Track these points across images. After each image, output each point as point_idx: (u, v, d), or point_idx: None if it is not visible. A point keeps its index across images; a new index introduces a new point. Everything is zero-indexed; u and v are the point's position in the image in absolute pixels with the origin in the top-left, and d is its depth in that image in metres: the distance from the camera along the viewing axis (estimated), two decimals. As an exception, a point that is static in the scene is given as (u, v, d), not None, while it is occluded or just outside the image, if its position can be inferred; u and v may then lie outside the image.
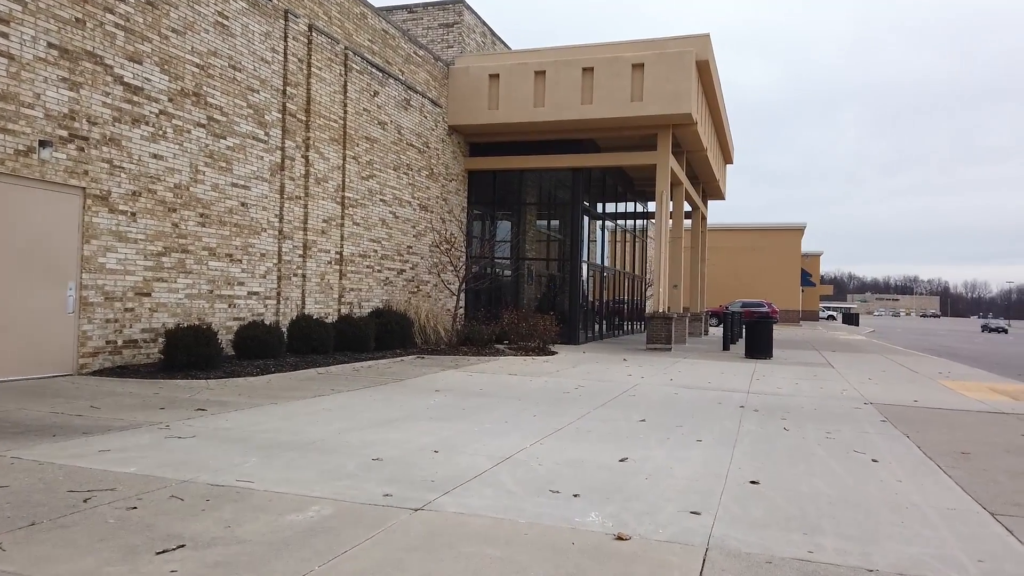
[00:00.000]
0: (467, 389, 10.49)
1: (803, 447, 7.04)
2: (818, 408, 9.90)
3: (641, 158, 20.75)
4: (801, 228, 56.47)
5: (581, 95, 19.51)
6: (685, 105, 18.74)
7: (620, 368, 14.56)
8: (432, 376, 11.91)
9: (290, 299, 13.93)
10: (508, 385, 11.15)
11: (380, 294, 17.08)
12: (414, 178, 18.60)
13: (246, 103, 12.69)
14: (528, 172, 22.60)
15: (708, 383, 12.47)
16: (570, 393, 10.47)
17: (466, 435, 6.98)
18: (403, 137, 17.99)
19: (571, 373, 13.25)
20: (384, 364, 13.32)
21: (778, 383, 12.90)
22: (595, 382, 11.96)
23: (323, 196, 14.87)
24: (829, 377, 14.36)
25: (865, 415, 9.41)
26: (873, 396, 11.44)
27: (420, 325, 16.58)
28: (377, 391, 9.94)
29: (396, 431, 7.03)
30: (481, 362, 14.53)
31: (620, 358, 16.97)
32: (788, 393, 11.48)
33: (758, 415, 9.05)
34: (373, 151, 16.67)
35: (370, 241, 16.62)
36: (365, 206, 16.38)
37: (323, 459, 5.71)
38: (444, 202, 20.34)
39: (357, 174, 16.04)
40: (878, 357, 20.85)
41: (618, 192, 26.90)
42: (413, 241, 18.63)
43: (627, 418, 8.40)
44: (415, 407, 8.65)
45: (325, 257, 14.98)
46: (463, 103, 20.45)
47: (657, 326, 20.16)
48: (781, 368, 15.96)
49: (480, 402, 9.26)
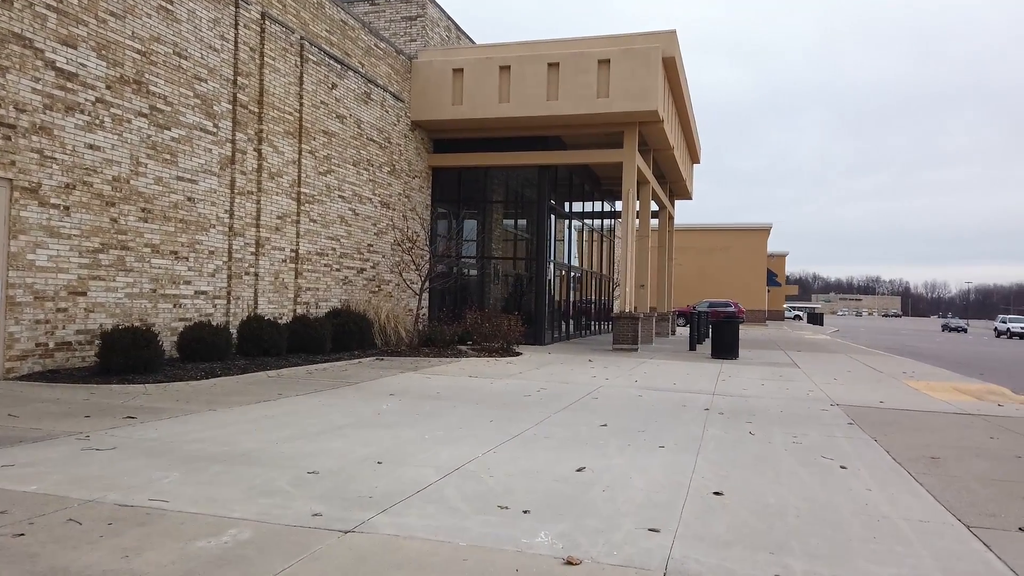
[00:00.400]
0: (423, 393, 10.03)
1: (770, 453, 6.73)
2: (784, 410, 9.64)
3: (608, 156, 20.47)
4: (767, 228, 56.91)
5: (547, 91, 19.15)
6: (651, 102, 18.49)
7: (585, 369, 14.22)
8: (388, 379, 11.42)
9: (242, 299, 13.32)
10: (467, 388, 10.72)
11: (339, 294, 16.52)
12: (375, 174, 18.06)
13: (193, 93, 12.07)
14: (494, 170, 22.19)
15: (673, 385, 12.18)
16: (531, 396, 10.08)
17: (415, 444, 6.54)
18: (363, 132, 17.45)
19: (534, 375, 12.87)
20: (340, 366, 12.79)
21: (744, 384, 12.67)
22: (558, 384, 11.59)
23: (277, 192, 14.28)
24: (795, 377, 14.18)
25: (832, 417, 9.17)
26: (839, 397, 11.24)
27: (380, 326, 16.07)
28: (327, 395, 9.44)
29: (340, 440, 6.56)
30: (442, 364, 14.08)
31: (586, 359, 16.65)
32: (754, 395, 11.24)
33: (723, 418, 8.75)
34: (331, 145, 16.10)
35: (328, 239, 16.06)
36: (323, 202, 15.81)
37: (253, 473, 5.23)
38: (407, 199, 19.83)
39: (314, 169, 15.47)
40: (843, 357, 20.85)
41: (585, 191, 26.61)
42: (374, 239, 18.09)
43: (588, 423, 8.03)
44: (365, 413, 8.17)
45: (279, 255, 14.39)
46: (426, 98, 19.96)
47: (623, 326, 19.89)
48: (747, 368, 15.76)
49: (435, 407, 8.82)
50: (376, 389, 10.24)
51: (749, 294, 54.95)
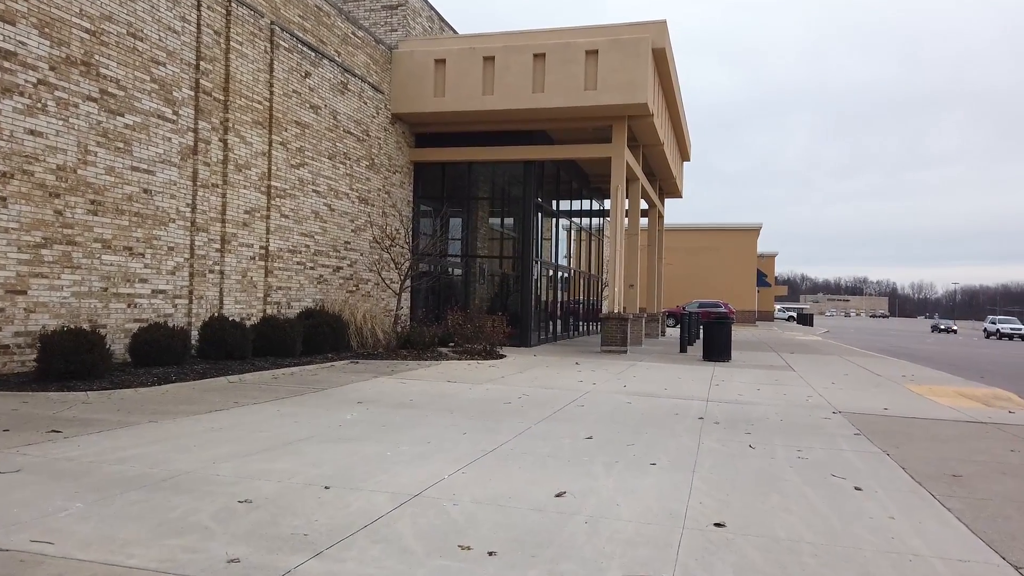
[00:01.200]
0: (395, 400, 9.25)
1: (773, 471, 6.00)
2: (784, 419, 8.93)
3: (596, 151, 19.75)
4: (757, 228, 56.44)
5: (532, 83, 18.41)
6: (641, 95, 17.78)
7: (571, 373, 13.48)
8: (359, 384, 10.63)
9: (205, 299, 12.49)
10: (443, 394, 9.95)
11: (313, 293, 15.70)
12: (352, 168, 17.25)
13: (149, 77, 11.24)
14: (478, 165, 21.42)
15: (664, 390, 11.46)
16: (512, 403, 9.32)
17: (375, 462, 5.77)
18: (339, 123, 16.64)
19: (517, 379, 12.11)
20: (310, 371, 11.99)
21: (739, 389, 11.97)
22: (542, 390, 10.84)
23: (245, 185, 13.46)
24: (791, 381, 13.50)
25: (836, 427, 8.47)
26: (840, 403, 10.56)
27: (356, 327, 15.26)
28: (288, 404, 8.65)
29: (289, 458, 5.78)
30: (420, 367, 13.30)
31: (572, 361, 15.91)
32: (750, 401, 10.53)
33: (719, 428, 8.03)
34: (304, 137, 15.29)
35: (301, 235, 15.24)
36: (295, 197, 14.99)
37: (174, 503, 4.44)
38: (387, 195, 19.03)
39: (286, 162, 14.65)
40: (837, 359, 20.22)
41: (573, 188, 25.89)
42: (351, 236, 17.28)
43: (572, 435, 7.28)
44: (326, 424, 7.39)
45: (247, 252, 13.56)
46: (407, 90, 19.17)
47: (612, 327, 19.17)
48: (741, 372, 15.08)
49: (405, 416, 8.04)
50: (344, 396, 9.45)
51: (739, 295, 54.44)
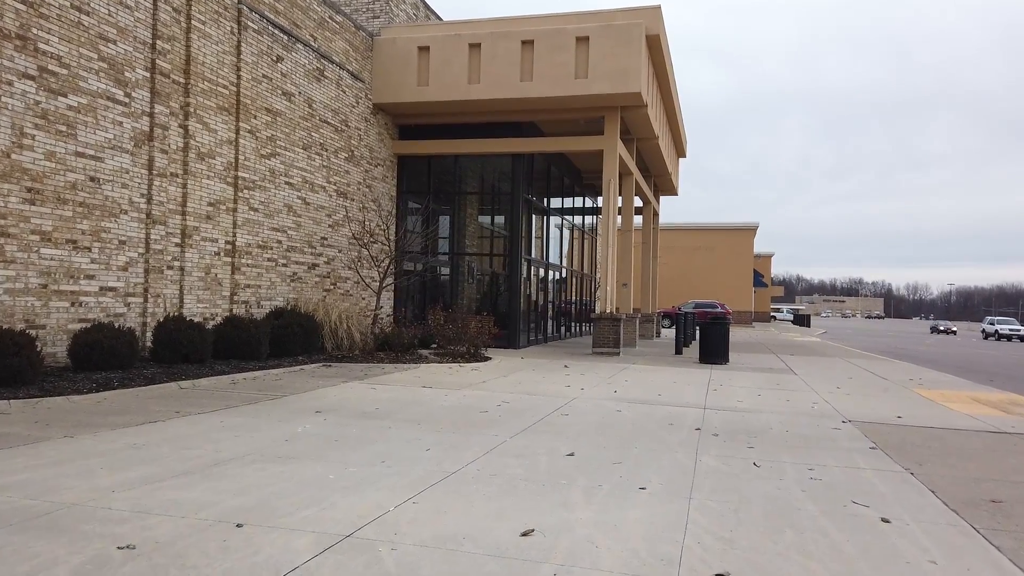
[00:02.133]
0: (359, 408, 8.34)
1: (784, 497, 5.11)
2: (790, 430, 8.05)
3: (587, 143, 18.87)
4: (754, 228, 55.66)
5: (520, 71, 17.51)
6: (634, 83, 16.90)
7: (559, 377, 12.58)
8: (324, 391, 9.71)
9: (163, 297, 11.56)
10: (415, 402, 9.03)
11: (285, 291, 14.77)
12: (329, 160, 16.33)
13: (97, 55, 10.30)
14: (465, 159, 20.51)
15: (658, 396, 10.56)
16: (489, 412, 8.41)
17: (311, 488, 4.86)
18: (315, 112, 15.72)
19: (499, 384, 11.21)
20: (274, 375, 11.07)
21: (738, 395, 11.08)
22: (524, 396, 9.93)
23: (209, 175, 12.53)
24: (794, 386, 12.63)
25: (848, 439, 7.59)
26: (849, 411, 9.68)
27: (331, 328, 14.34)
28: (236, 414, 7.73)
29: (208, 484, 4.87)
30: (396, 371, 12.39)
31: (561, 364, 15.01)
32: (751, 408, 9.64)
33: (719, 442, 7.14)
34: (276, 125, 14.36)
35: (272, 230, 14.31)
36: (266, 189, 14.07)
37: (34, 549, 3.53)
38: (368, 189, 18.11)
39: (255, 151, 13.72)
40: (840, 361, 19.37)
41: (565, 185, 25.00)
42: (328, 232, 16.35)
43: (551, 451, 6.38)
44: (271, 439, 6.48)
45: (211, 247, 12.63)
46: (389, 79, 18.26)
47: (604, 329, 18.28)
48: (740, 375, 14.20)
49: (365, 428, 7.13)
50: (303, 405, 8.53)
51: (735, 295, 53.65)
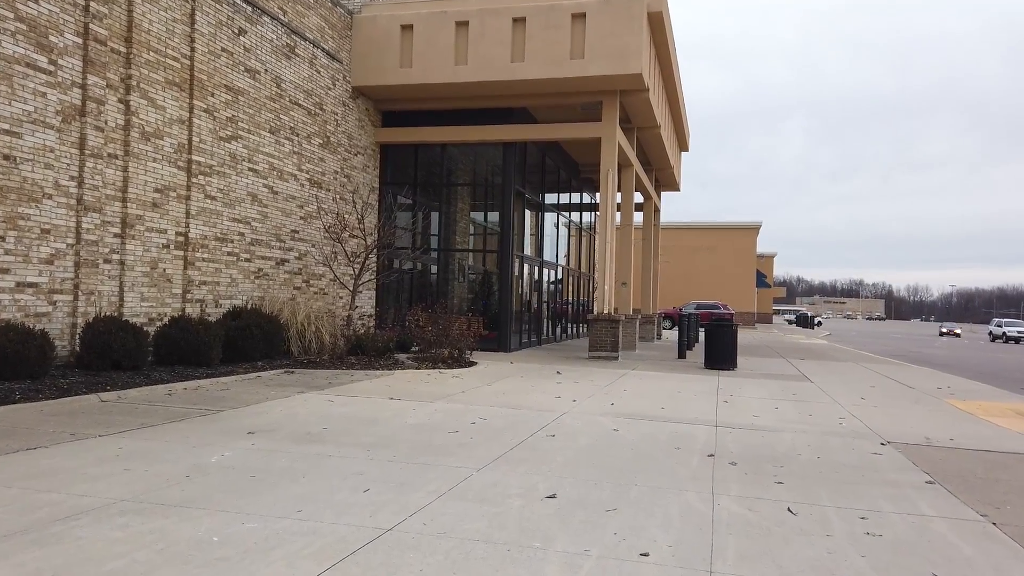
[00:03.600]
0: (303, 429, 6.94)
1: (838, 567, 3.71)
2: (822, 456, 6.66)
3: (583, 130, 17.47)
4: (756, 227, 54.26)
5: (511, 51, 16.12)
6: (634, 63, 15.51)
7: (549, 386, 11.18)
8: (271, 404, 8.31)
9: (98, 294, 10.16)
10: (374, 419, 7.64)
11: (249, 290, 13.38)
12: (301, 146, 14.93)
13: (13, 14, 8.90)
14: (453, 148, 19.13)
15: (661, 410, 9.16)
16: (460, 433, 7.02)
17: (170, 565, 3.46)
18: (285, 93, 14.32)
19: (480, 395, 9.81)
20: (221, 384, 9.67)
21: (753, 407, 9.69)
22: (506, 411, 8.54)
23: (155, 157, 11.13)
24: (813, 396, 11.24)
25: (895, 468, 6.20)
26: (884, 429, 8.30)
27: (298, 329, 12.94)
28: (145, 436, 6.33)
29: (21, 557, 3.47)
30: (367, 378, 10.99)
31: (554, 371, 13.61)
32: (770, 425, 8.25)
33: (739, 474, 5.75)
34: (238, 105, 12.96)
35: (233, 221, 12.91)
36: (225, 175, 12.67)
37: None
38: (346, 179, 16.71)
39: (212, 133, 12.33)
40: (855, 367, 17.98)
41: (561, 179, 23.61)
42: (300, 224, 14.96)
43: (527, 491, 4.99)
44: (169, 475, 5.08)
45: (159, 239, 11.24)
46: (369, 60, 16.86)
47: (601, 331, 16.88)
48: (750, 384, 12.80)
49: (297, 458, 5.74)
50: (237, 423, 7.12)
51: (737, 295, 52.23)
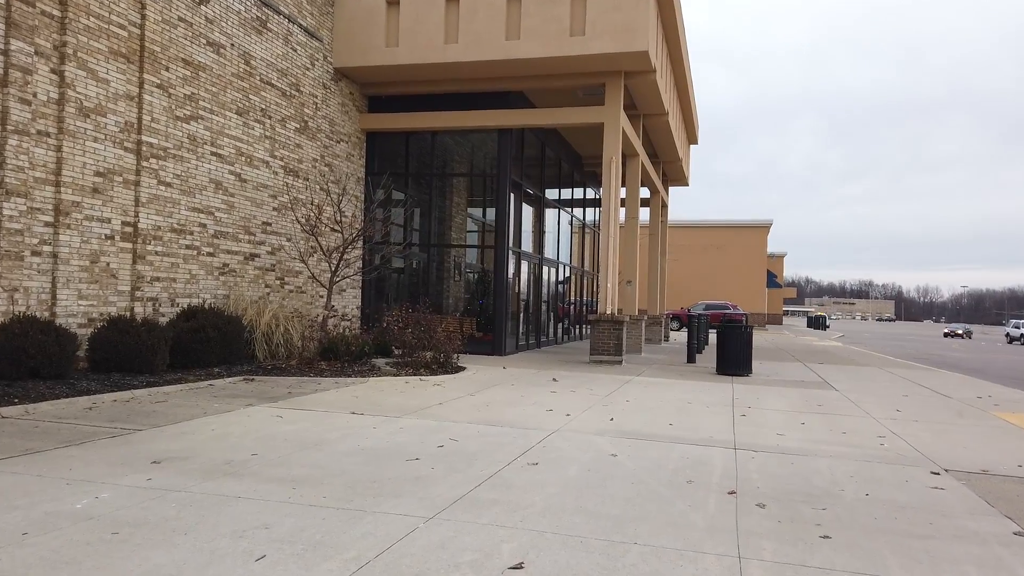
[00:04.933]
0: (224, 455, 5.63)
1: None
2: (871, 492, 5.31)
3: (585, 115, 16.11)
4: (767, 225, 52.75)
5: (506, 28, 14.80)
6: (640, 41, 14.15)
7: (542, 396, 9.85)
8: (201, 422, 7.00)
9: (24, 291, 8.89)
10: (320, 441, 6.32)
11: (213, 287, 12.10)
12: (275, 130, 13.65)
13: (-88, -38, 7.66)
14: (445, 137, 17.83)
15: (669, 426, 7.81)
16: (420, 461, 5.70)
17: None
18: (255, 71, 13.04)
19: (459, 408, 8.49)
20: (161, 395, 8.38)
21: (776, 423, 8.33)
22: (485, 429, 7.21)
23: (96, 136, 9.86)
24: (841, 408, 9.87)
25: (967, 511, 4.85)
26: (934, 451, 6.94)
27: (264, 331, 11.64)
28: (18, 467, 5.02)
29: None
30: (335, 387, 9.69)
31: (549, 377, 12.27)
32: (800, 448, 6.89)
33: (770, 522, 4.40)
34: (199, 82, 11.69)
35: (193, 211, 11.64)
36: (183, 159, 11.39)
37: None
38: (327, 168, 15.42)
39: (167, 111, 11.05)
40: (878, 371, 16.57)
41: (563, 172, 22.26)
42: (273, 216, 13.67)
43: (484, 559, 3.65)
44: (3, 528, 3.78)
45: (101, 229, 9.96)
46: (353, 39, 15.57)
47: (604, 333, 15.53)
48: (769, 393, 11.43)
49: (196, 500, 4.42)
50: (145, 449, 5.81)
51: (747, 295, 50.74)
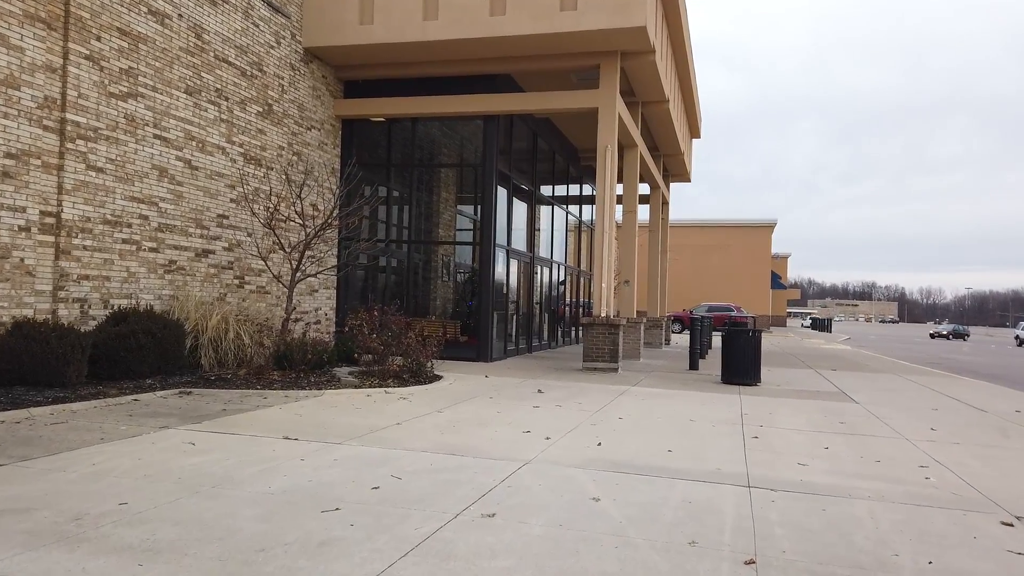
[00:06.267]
0: (79, 505, 4.28)
1: None
2: (935, 558, 3.98)
3: (578, 99, 14.77)
4: (772, 225, 51.35)
5: (491, 2, 13.48)
6: (638, 15, 12.83)
7: (520, 413, 8.51)
8: (89, 451, 5.65)
9: (-88, 290, 7.58)
10: (225, 479, 4.98)
11: (157, 287, 10.77)
12: (232, 113, 12.33)
13: None
14: (427, 125, 16.51)
15: (668, 453, 6.47)
16: (339, 514, 4.35)
17: None
18: (208, 46, 11.72)
19: (419, 430, 7.15)
20: (63, 413, 7.05)
21: (795, 447, 6.99)
22: (441, 461, 5.87)
23: (7, 112, 8.54)
24: (867, 426, 8.52)
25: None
26: (994, 487, 5.62)
27: (211, 336, 10.31)
28: None
29: None
30: (280, 402, 8.36)
31: (534, 388, 10.93)
32: (828, 485, 5.54)
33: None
34: (138, 55, 10.37)
35: (132, 200, 10.31)
36: (119, 142, 10.08)
37: None
38: (296, 157, 14.10)
39: (99, 87, 9.74)
40: (897, 380, 15.21)
41: (557, 167, 20.94)
42: (231, 208, 12.35)
43: None
44: None
45: (13, 219, 8.64)
46: (324, 16, 14.25)
47: (598, 337, 14.19)
48: (782, 407, 10.08)
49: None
50: (-14, 492, 4.49)
51: (751, 297, 49.34)
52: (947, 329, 61.51)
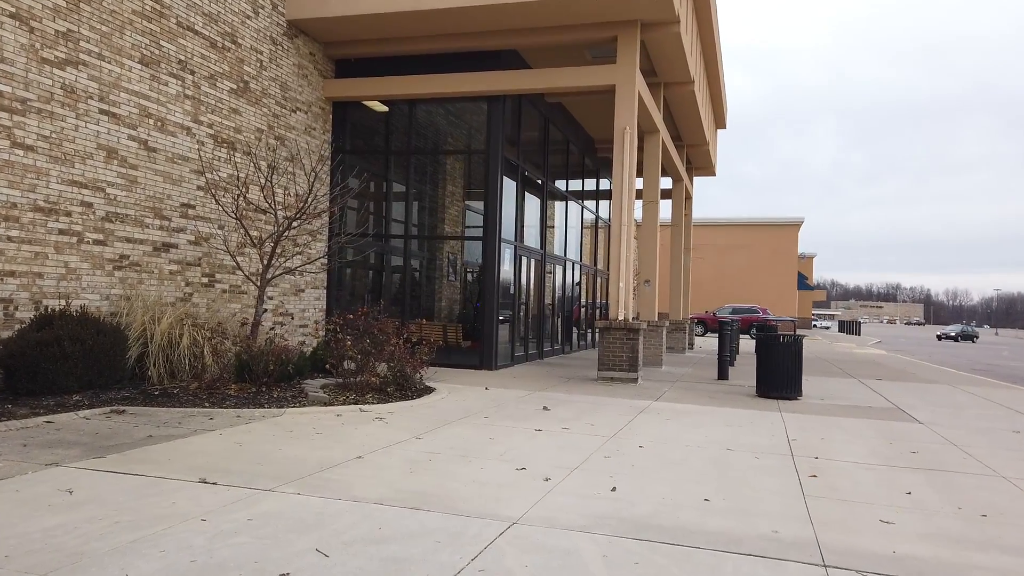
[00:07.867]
0: None
1: None
2: None
3: (592, 76, 13.17)
4: (798, 223, 49.33)
5: (493, -35, 11.93)
6: (661, -24, 11.22)
7: (518, 439, 6.94)
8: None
9: None
10: (64, 558, 3.47)
11: (106, 286, 9.35)
12: (199, 89, 10.89)
13: None
14: (426, 107, 15.00)
15: (703, 505, 4.87)
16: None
17: None
18: (169, 11, 10.29)
19: (379, 468, 5.62)
20: (-64, 443, 5.61)
21: (868, 495, 5.35)
22: (391, 525, 4.32)
23: (-97, 75, 7.15)
24: (946, 459, 6.86)
25: None
26: None
27: (161, 343, 8.85)
28: None
29: None
30: (224, 426, 6.87)
31: (539, 406, 9.35)
32: (931, 557, 3.90)
33: None
34: (79, 15, 8.95)
35: (72, 184, 8.90)
36: (55, 116, 8.66)
37: None
38: (277, 142, 12.65)
39: (29, 51, 8.33)
40: (954, 392, 13.44)
41: (572, 157, 19.35)
42: (198, 198, 10.91)
43: None
44: None
45: (-88, 204, 7.25)
46: (309, -16, 12.79)
47: (615, 343, 12.58)
48: (834, 429, 8.42)
49: None
50: None
51: (776, 298, 47.34)
52: (955, 331, 59.04)
